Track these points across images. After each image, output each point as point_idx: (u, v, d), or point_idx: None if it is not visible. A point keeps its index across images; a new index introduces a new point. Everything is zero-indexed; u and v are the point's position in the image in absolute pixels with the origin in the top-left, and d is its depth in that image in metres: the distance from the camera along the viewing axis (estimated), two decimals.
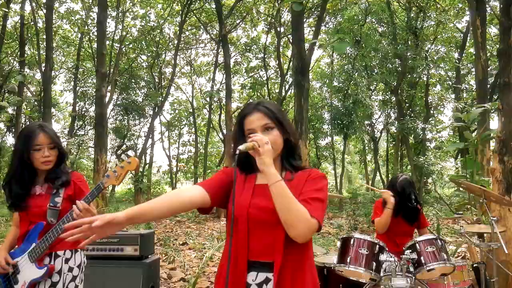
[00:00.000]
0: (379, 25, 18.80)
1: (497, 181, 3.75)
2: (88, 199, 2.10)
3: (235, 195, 1.60)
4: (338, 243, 2.88)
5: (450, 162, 22.36)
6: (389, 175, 23.82)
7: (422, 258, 2.73)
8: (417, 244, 2.79)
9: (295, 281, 1.51)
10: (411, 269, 2.75)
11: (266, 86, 21.01)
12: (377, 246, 2.74)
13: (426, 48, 17.72)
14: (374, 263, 2.69)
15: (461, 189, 4.29)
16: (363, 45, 17.80)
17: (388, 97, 21.40)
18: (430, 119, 18.70)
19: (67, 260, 2.26)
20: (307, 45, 6.73)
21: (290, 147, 1.65)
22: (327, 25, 19.94)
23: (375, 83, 21.24)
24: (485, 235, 3.19)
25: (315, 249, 3.41)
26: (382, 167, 26.75)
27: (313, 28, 22.32)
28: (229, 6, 18.52)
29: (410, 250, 2.77)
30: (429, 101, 19.09)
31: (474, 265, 3.05)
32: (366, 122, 22.13)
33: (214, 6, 17.36)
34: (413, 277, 2.72)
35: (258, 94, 22.82)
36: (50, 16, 11.38)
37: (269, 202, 1.50)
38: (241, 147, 1.47)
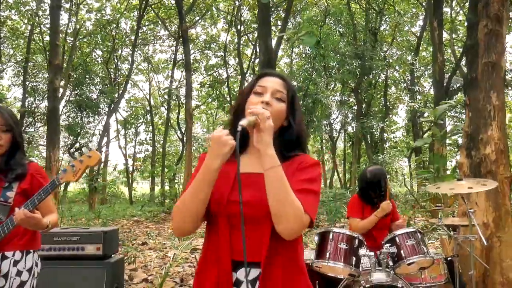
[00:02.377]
0: (338, 26, 19.10)
1: (464, 175, 3.78)
2: (40, 196, 1.87)
3: (215, 187, 1.36)
4: (316, 238, 2.77)
5: (404, 161, 23.12)
6: (346, 174, 24.29)
7: (402, 251, 2.66)
8: (396, 238, 2.73)
9: (286, 283, 1.32)
10: (390, 263, 2.69)
11: (226, 84, 20.79)
12: (357, 240, 2.65)
13: (385, 49, 18.17)
14: (353, 258, 2.59)
15: (427, 184, 4.34)
16: (323, 45, 18.00)
17: (345, 97, 21.80)
18: (386, 119, 19.21)
19: (16, 263, 1.99)
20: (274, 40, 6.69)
21: (294, 138, 1.42)
22: (286, 25, 20.05)
23: (333, 83, 21.57)
24: (456, 228, 3.18)
25: None
26: (339, 166, 27.22)
27: (278, 26, 22.48)
28: (188, 2, 18.17)
29: (389, 244, 2.70)
30: (387, 102, 19.60)
31: (448, 259, 3.04)
32: (325, 122, 22.43)
33: (173, 1, 16.99)
34: (392, 272, 2.66)
35: (218, 92, 22.58)
36: None
37: (256, 193, 1.29)
38: (243, 122, 1.24)
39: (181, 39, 16.88)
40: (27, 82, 22.86)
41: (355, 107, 19.74)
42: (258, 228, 1.30)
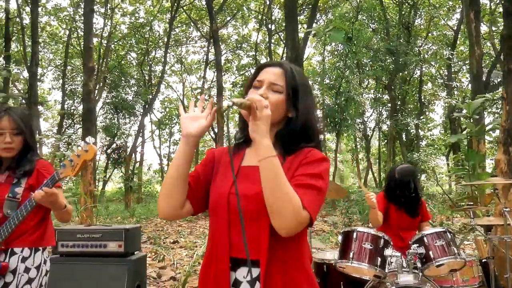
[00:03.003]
0: (371, 22, 18.70)
1: (502, 172, 3.57)
2: (49, 184, 1.88)
3: (216, 180, 1.36)
4: (339, 237, 2.67)
5: (442, 160, 22.37)
6: (381, 173, 23.76)
7: (430, 252, 2.53)
8: (424, 238, 2.59)
9: (287, 283, 1.25)
10: (419, 264, 2.56)
11: None
12: (382, 240, 2.54)
13: (419, 44, 17.65)
14: (378, 258, 2.48)
15: (463, 182, 4.12)
16: (355, 42, 17.67)
17: (379, 94, 21.34)
18: (422, 117, 18.66)
19: (24, 259, 2.00)
20: (301, 35, 6.57)
21: (298, 130, 1.34)
22: (318, 23, 19.82)
23: (367, 81, 21.16)
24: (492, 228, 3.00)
25: (314, 244, 3.20)
26: (374, 165, 26.68)
27: (305, 26, 22.30)
28: (219, 3, 18.28)
29: (417, 245, 2.57)
30: (421, 98, 19.03)
31: (483, 260, 2.87)
32: (358, 120, 22.03)
33: (204, 2, 17.11)
34: (421, 273, 2.53)
35: None
36: (36, 10, 11.06)
37: (255, 187, 1.24)
38: (236, 99, 1.18)
39: (212, 39, 16.98)
40: (66, 85, 23.69)
41: (390, 105, 19.28)
42: (257, 224, 1.23)
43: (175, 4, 19.01)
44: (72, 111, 24.53)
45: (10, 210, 1.96)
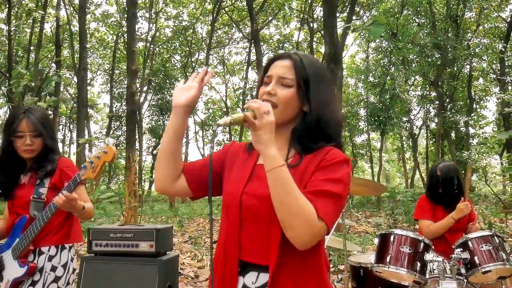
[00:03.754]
0: (416, 16, 18.03)
1: None
2: (70, 187, 1.91)
3: (230, 177, 1.29)
4: (376, 240, 2.53)
5: (495, 159, 21.23)
6: None
7: (475, 258, 2.34)
8: (469, 242, 2.40)
9: None
10: (463, 270, 2.37)
11: None
12: (422, 244, 2.37)
13: (468, 38, 16.82)
14: (418, 263, 2.32)
15: None
16: (400, 37, 17.11)
17: (427, 91, 20.56)
18: (473, 114, 17.77)
19: (50, 258, 2.04)
20: (340, 31, 6.39)
21: (313, 125, 1.23)
22: (361, 19, 19.39)
23: (413, 77, 20.44)
24: None
25: (350, 247, 3.07)
26: (421, 165, 25.77)
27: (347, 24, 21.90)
28: (260, 3, 18.28)
29: (461, 249, 2.39)
30: (471, 95, 18.13)
31: None
32: (404, 118, 21.32)
33: (245, 3, 17.17)
34: (465, 280, 2.35)
35: None
36: (83, 17, 11.49)
37: (266, 189, 1.16)
38: (223, 120, 1.10)
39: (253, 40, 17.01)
40: (113, 89, 24.56)
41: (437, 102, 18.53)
42: (268, 227, 1.15)
43: (217, 6, 19.19)
44: (119, 113, 25.37)
45: (36, 211, 1.99)
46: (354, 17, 19.54)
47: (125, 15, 20.31)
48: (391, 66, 19.65)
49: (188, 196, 1.35)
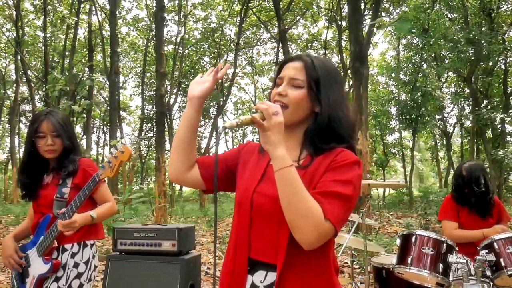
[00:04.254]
0: (449, 11, 17.53)
1: None
2: (85, 193, 1.97)
3: (243, 177, 1.32)
4: (398, 241, 2.49)
5: None
6: None
7: (501, 260, 2.26)
8: (495, 243, 2.33)
9: None
10: (488, 273, 2.30)
11: None
12: (445, 245, 2.32)
13: (503, 32, 16.21)
14: (440, 264, 2.27)
15: None
16: (431, 33, 16.68)
17: (461, 88, 19.96)
18: (510, 111, 17.12)
19: (73, 255, 2.11)
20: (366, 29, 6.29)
21: (325, 126, 1.24)
22: (391, 16, 19.02)
23: (446, 74, 19.89)
24: None
25: (372, 247, 3.03)
26: (456, 164, 25.04)
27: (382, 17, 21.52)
28: (287, 3, 18.22)
29: (487, 250, 2.31)
30: (508, 90, 17.47)
31: None
32: (438, 116, 20.77)
33: (272, 3, 17.17)
34: (491, 283, 2.27)
35: None
36: (114, 22, 11.78)
37: (275, 188, 1.17)
38: (230, 123, 1.12)
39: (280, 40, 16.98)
40: (144, 91, 25.07)
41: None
42: (277, 226, 1.16)
43: (244, 6, 19.27)
44: (150, 115, 25.86)
45: (59, 210, 2.06)
46: (383, 14, 19.26)
47: (155, 19, 20.78)
48: (422, 63, 19.20)
49: (201, 188, 1.37)
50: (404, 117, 19.89)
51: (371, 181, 2.92)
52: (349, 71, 19.72)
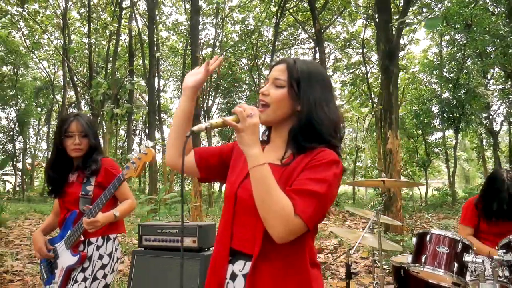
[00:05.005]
0: (493, 5, 16.82)
1: None
2: (110, 191, 2.11)
3: (232, 173, 1.40)
4: (414, 240, 2.47)
5: None
6: None
7: None
8: None
9: (277, 281, 1.22)
10: (506, 273, 2.24)
11: (366, 81, 20.02)
12: (460, 244, 2.27)
13: None
14: (455, 264, 2.23)
15: None
16: (474, 28, 16.07)
17: (509, 85, 19.10)
18: None
19: (98, 248, 2.26)
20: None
21: (304, 124, 1.29)
22: (434, 11, 18.48)
23: (493, 70, 19.09)
24: None
25: (387, 246, 3.00)
26: (504, 164, 23.92)
27: (417, 17, 20.92)
28: (323, 3, 18.10)
29: (504, 250, 2.26)
30: None
31: None
32: (484, 114, 19.96)
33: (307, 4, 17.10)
34: (509, 283, 2.21)
35: (360, 91, 21.99)
36: (152, 27, 12.14)
37: None
38: (198, 126, 1.18)
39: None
40: None
41: None
42: (256, 220, 1.22)
43: (281, 7, 19.31)
44: None
45: (85, 206, 2.21)
46: (424, 10, 18.71)
47: (190, 23, 21.21)
48: (465, 59, 18.52)
49: (196, 176, 1.47)
50: (446, 116, 19.26)
51: (386, 179, 2.90)
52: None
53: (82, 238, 2.22)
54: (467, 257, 2.23)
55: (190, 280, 2.67)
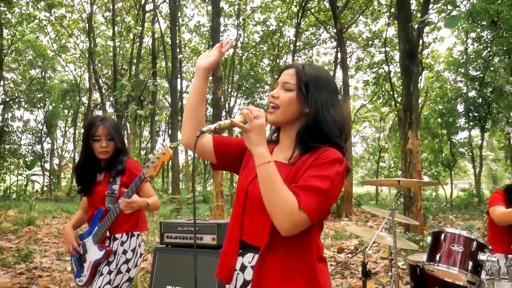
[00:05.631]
0: None
1: None
2: (132, 189, 2.22)
3: (245, 170, 1.47)
4: (429, 239, 2.49)
5: None
6: None
7: None
8: None
9: (283, 273, 1.30)
10: None
11: (389, 80, 19.80)
12: (475, 243, 2.29)
13: None
14: (470, 262, 2.24)
15: None
16: (501, 25, 15.71)
17: None
18: None
19: (122, 243, 2.39)
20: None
21: (311, 126, 1.37)
22: (457, 9, 18.14)
23: None
24: None
25: (405, 245, 3.02)
26: None
27: (441, 14, 20.56)
28: (344, 2, 17.99)
29: None
30: None
31: None
32: None
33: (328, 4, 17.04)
34: None
35: (383, 90, 21.75)
36: (174, 29, 12.34)
37: None
38: (208, 127, 1.27)
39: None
40: (206, 95, 25.87)
41: None
42: (264, 214, 1.29)
43: (302, 7, 19.29)
44: (211, 118, 26.60)
45: (110, 204, 2.36)
46: (449, 7, 18.42)
47: (211, 25, 21.41)
48: (492, 57, 18.13)
49: (212, 161, 1.54)
50: (472, 115, 18.90)
51: (401, 179, 2.91)
52: None
53: (108, 234, 2.34)
54: (482, 256, 2.25)
55: (209, 275, 2.74)
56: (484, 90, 17.54)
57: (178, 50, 16.47)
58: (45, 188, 30.72)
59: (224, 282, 1.43)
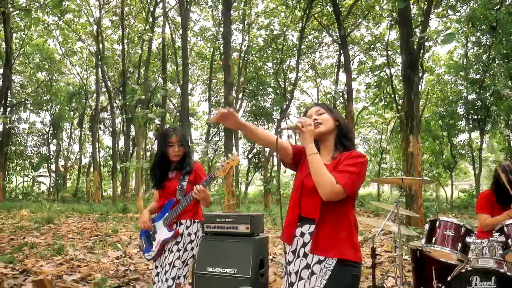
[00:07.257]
0: None
1: None
2: (204, 184, 2.83)
3: (302, 167, 2.09)
4: (426, 226, 3.06)
5: None
6: None
7: (509, 240, 2.76)
8: (505, 228, 2.82)
9: (332, 235, 1.88)
10: (500, 251, 2.80)
11: (390, 84, 20.33)
12: (463, 228, 2.86)
13: None
14: (459, 244, 2.81)
15: None
16: (499, 31, 16.26)
17: None
18: None
19: (187, 227, 3.00)
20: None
21: (341, 131, 2.06)
22: (459, 12, 18.67)
23: None
24: None
25: (404, 231, 3.60)
26: None
27: (442, 19, 21.03)
28: (348, 8, 18.53)
29: (499, 233, 2.83)
30: None
31: None
32: (511, 116, 19.99)
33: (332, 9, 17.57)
34: (503, 260, 2.77)
35: (385, 93, 22.23)
36: (185, 35, 12.88)
37: None
38: (285, 126, 2.06)
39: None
40: (211, 98, 26.44)
41: None
42: (316, 196, 1.90)
43: (306, 12, 19.81)
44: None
45: (180, 196, 2.97)
46: (450, 12, 18.93)
47: (221, 29, 21.96)
48: (491, 61, 18.65)
49: (287, 159, 2.12)
50: (471, 118, 19.43)
51: (405, 177, 3.49)
52: None
53: (176, 219, 2.97)
54: (469, 239, 2.82)
55: (244, 259, 3.32)
56: (484, 94, 18.06)
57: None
58: (51, 189, 31.22)
59: (287, 243, 2.01)
